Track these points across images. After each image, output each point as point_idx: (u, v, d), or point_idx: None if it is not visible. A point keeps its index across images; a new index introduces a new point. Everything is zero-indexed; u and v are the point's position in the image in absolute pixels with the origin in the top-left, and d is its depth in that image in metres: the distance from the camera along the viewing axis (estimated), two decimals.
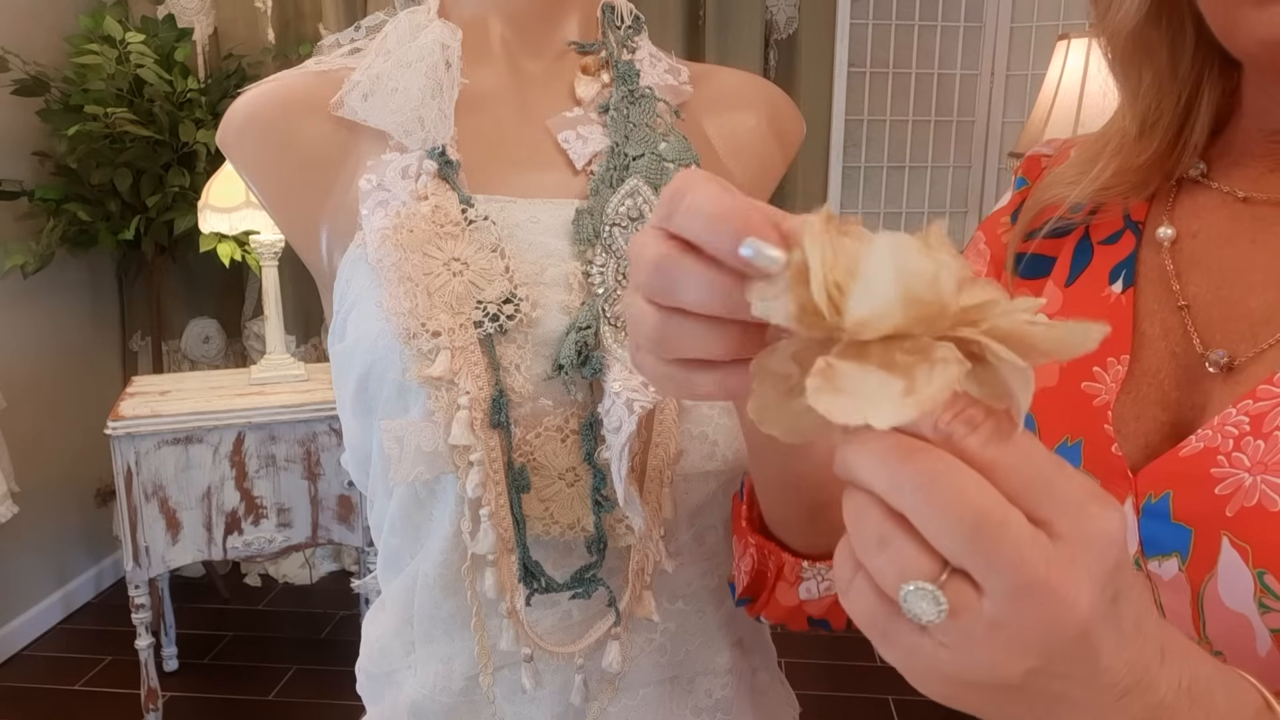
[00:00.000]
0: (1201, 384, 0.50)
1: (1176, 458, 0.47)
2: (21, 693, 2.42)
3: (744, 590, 0.62)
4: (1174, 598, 0.46)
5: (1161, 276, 0.53)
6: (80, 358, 2.86)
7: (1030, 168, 0.64)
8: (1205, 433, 0.47)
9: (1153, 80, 0.53)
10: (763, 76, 0.84)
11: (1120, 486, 0.49)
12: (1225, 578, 0.44)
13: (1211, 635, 0.45)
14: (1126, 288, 0.54)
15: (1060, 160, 0.62)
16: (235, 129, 0.67)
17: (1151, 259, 0.54)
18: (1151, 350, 0.52)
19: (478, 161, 0.64)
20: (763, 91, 0.76)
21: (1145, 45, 0.52)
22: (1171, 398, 0.51)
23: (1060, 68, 2.16)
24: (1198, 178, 0.55)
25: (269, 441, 2.06)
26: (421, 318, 0.57)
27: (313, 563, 3.01)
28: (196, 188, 2.43)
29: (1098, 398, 0.52)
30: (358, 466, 0.65)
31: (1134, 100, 0.54)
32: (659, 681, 0.65)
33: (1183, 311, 0.52)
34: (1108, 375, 0.52)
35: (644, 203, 0.62)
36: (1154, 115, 0.53)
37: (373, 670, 0.68)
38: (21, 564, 2.64)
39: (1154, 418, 0.51)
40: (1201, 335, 0.51)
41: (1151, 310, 0.53)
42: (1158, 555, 0.47)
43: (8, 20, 2.54)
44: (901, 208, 2.80)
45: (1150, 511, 0.48)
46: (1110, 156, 0.54)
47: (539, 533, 0.60)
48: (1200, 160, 0.55)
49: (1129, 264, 0.55)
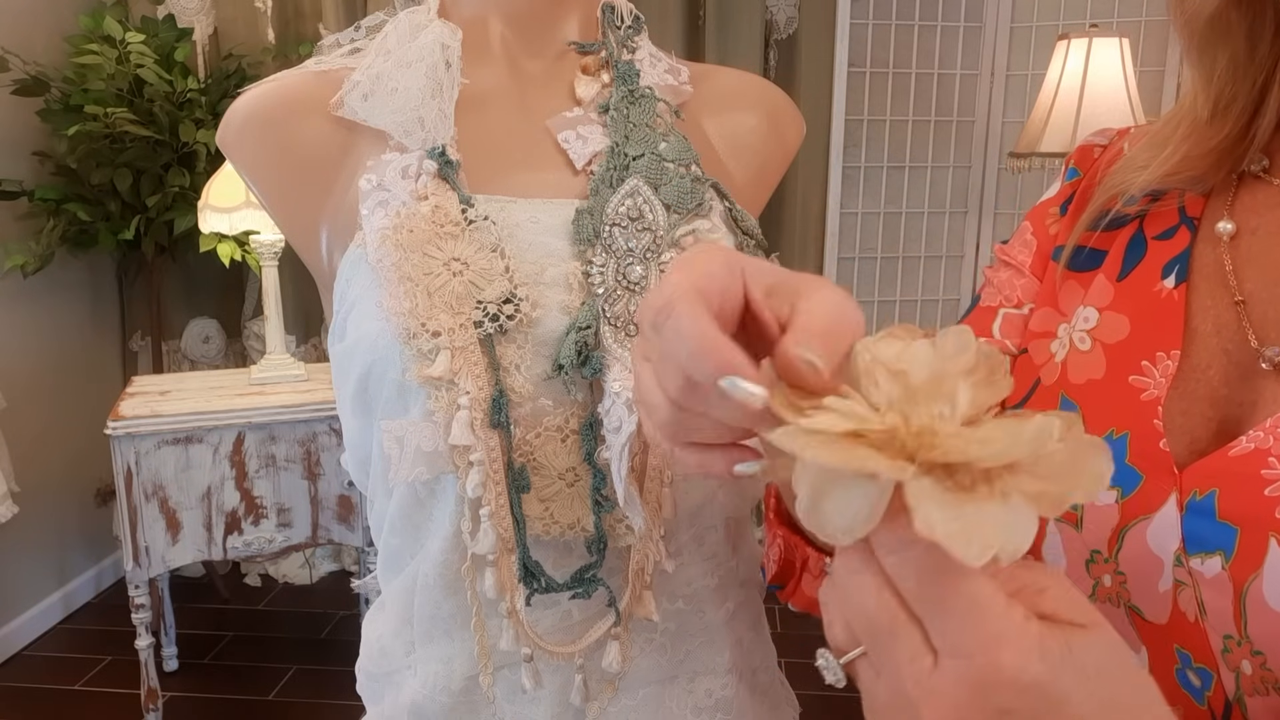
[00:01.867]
0: (1254, 382, 0.49)
1: (1225, 457, 0.47)
2: (21, 693, 2.42)
3: (773, 577, 0.65)
4: (1215, 595, 0.46)
5: (1218, 272, 0.53)
6: (80, 358, 2.86)
7: (1083, 158, 0.63)
8: (1256, 434, 0.46)
9: (1228, 64, 0.52)
10: (763, 76, 0.84)
11: (1165, 482, 0.49)
12: (1271, 579, 0.44)
13: (1253, 634, 0.45)
14: (1179, 283, 0.53)
15: (1114, 148, 0.61)
16: (235, 129, 0.67)
17: (1208, 254, 0.54)
18: (1203, 346, 0.52)
19: (478, 161, 0.64)
20: (763, 91, 0.76)
21: (1224, 27, 0.51)
22: (1221, 395, 0.50)
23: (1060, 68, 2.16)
24: (1259, 173, 0.54)
25: (269, 441, 2.06)
26: (421, 318, 0.57)
27: (313, 563, 3.01)
28: (196, 188, 2.43)
29: (1146, 391, 0.51)
30: (358, 466, 0.65)
31: (1208, 84, 0.53)
32: (659, 681, 0.65)
33: (1239, 307, 0.51)
34: (1157, 370, 0.52)
35: (644, 203, 0.62)
36: (1227, 99, 0.52)
37: (373, 670, 0.68)
38: (21, 564, 2.64)
39: (1201, 414, 0.50)
40: (1257, 332, 0.50)
41: (1205, 306, 0.52)
42: (1200, 553, 0.47)
43: (8, 20, 2.54)
44: (901, 208, 2.80)
45: (1195, 509, 0.47)
46: (1180, 141, 0.54)
47: (539, 533, 0.60)
48: (1264, 156, 0.54)
49: (1183, 259, 0.54)
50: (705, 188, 0.64)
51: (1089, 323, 0.56)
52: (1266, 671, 0.44)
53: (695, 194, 0.63)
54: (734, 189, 0.69)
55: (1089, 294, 0.57)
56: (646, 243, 0.61)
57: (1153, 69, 2.61)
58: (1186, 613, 0.47)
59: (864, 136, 2.77)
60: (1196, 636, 0.47)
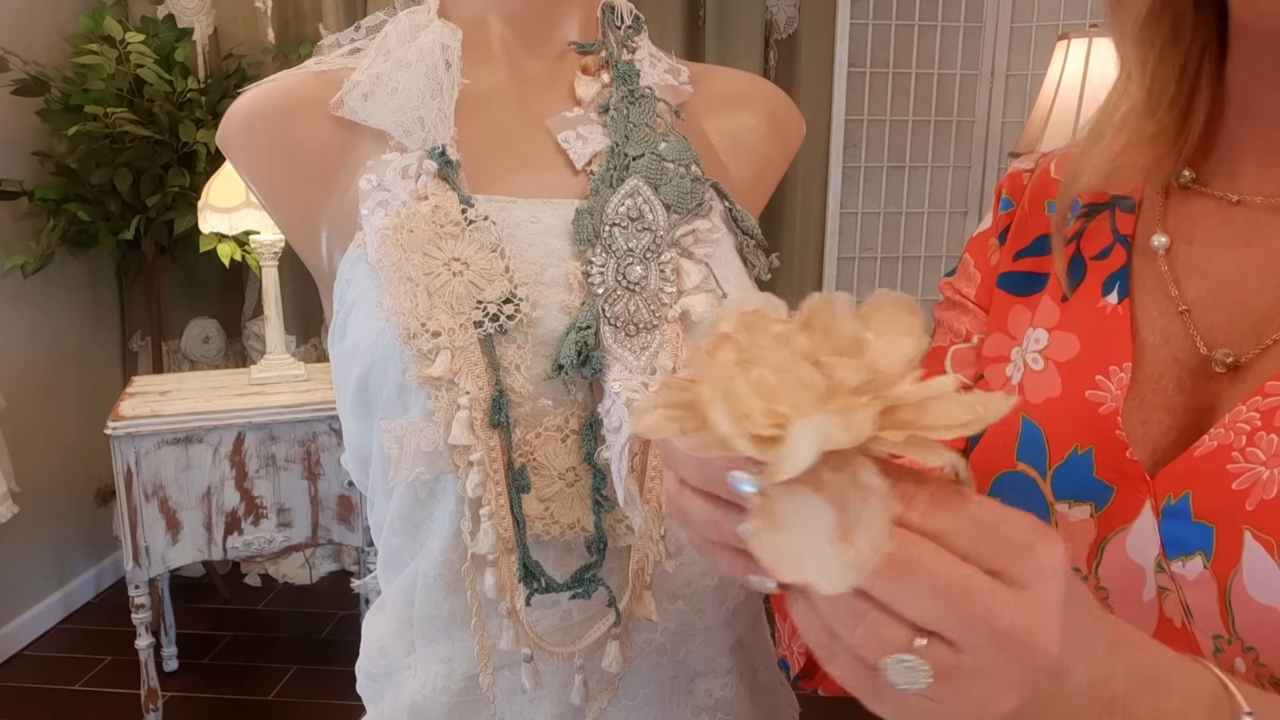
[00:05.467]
0: (1208, 386, 0.50)
1: (1192, 458, 0.47)
2: (21, 693, 2.42)
3: (800, 669, 0.66)
4: (1201, 596, 0.46)
5: (1159, 284, 0.54)
6: (80, 358, 2.86)
7: (1014, 185, 0.63)
8: (1218, 431, 0.47)
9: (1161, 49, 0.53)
10: (763, 76, 0.84)
11: (1139, 491, 0.49)
12: (1250, 571, 0.44)
13: (1241, 630, 0.45)
14: (1122, 298, 0.54)
15: (1040, 171, 0.62)
16: (235, 129, 0.67)
17: (1147, 268, 0.55)
18: (1153, 357, 0.52)
19: (478, 161, 0.64)
20: (763, 91, 0.76)
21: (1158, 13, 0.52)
22: (1177, 402, 0.51)
23: (1060, 68, 2.16)
24: (1187, 184, 0.55)
25: (269, 441, 2.06)
26: (421, 318, 0.57)
27: (313, 563, 3.01)
28: (196, 188, 2.43)
29: (1104, 405, 0.52)
30: (358, 466, 0.65)
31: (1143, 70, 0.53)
32: (659, 681, 0.65)
33: (1184, 316, 0.52)
34: (1111, 383, 0.52)
35: (644, 203, 0.62)
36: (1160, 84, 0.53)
37: (373, 670, 0.68)
38: (21, 564, 2.64)
39: (1160, 423, 0.51)
40: (1204, 338, 0.51)
41: (1151, 318, 0.53)
42: (1181, 556, 0.47)
43: (8, 20, 2.54)
44: (901, 208, 2.80)
45: (1170, 513, 0.48)
46: (1118, 129, 0.54)
47: (539, 533, 0.60)
48: (1189, 167, 0.55)
49: (1122, 275, 0.55)
50: (705, 188, 0.64)
51: (1040, 343, 0.57)
52: (1261, 667, 0.44)
53: (695, 194, 0.63)
54: (734, 189, 0.69)
55: (1036, 315, 0.58)
56: (646, 243, 0.61)
57: None
58: (1173, 619, 0.48)
59: (864, 136, 2.77)
60: (1186, 642, 0.47)
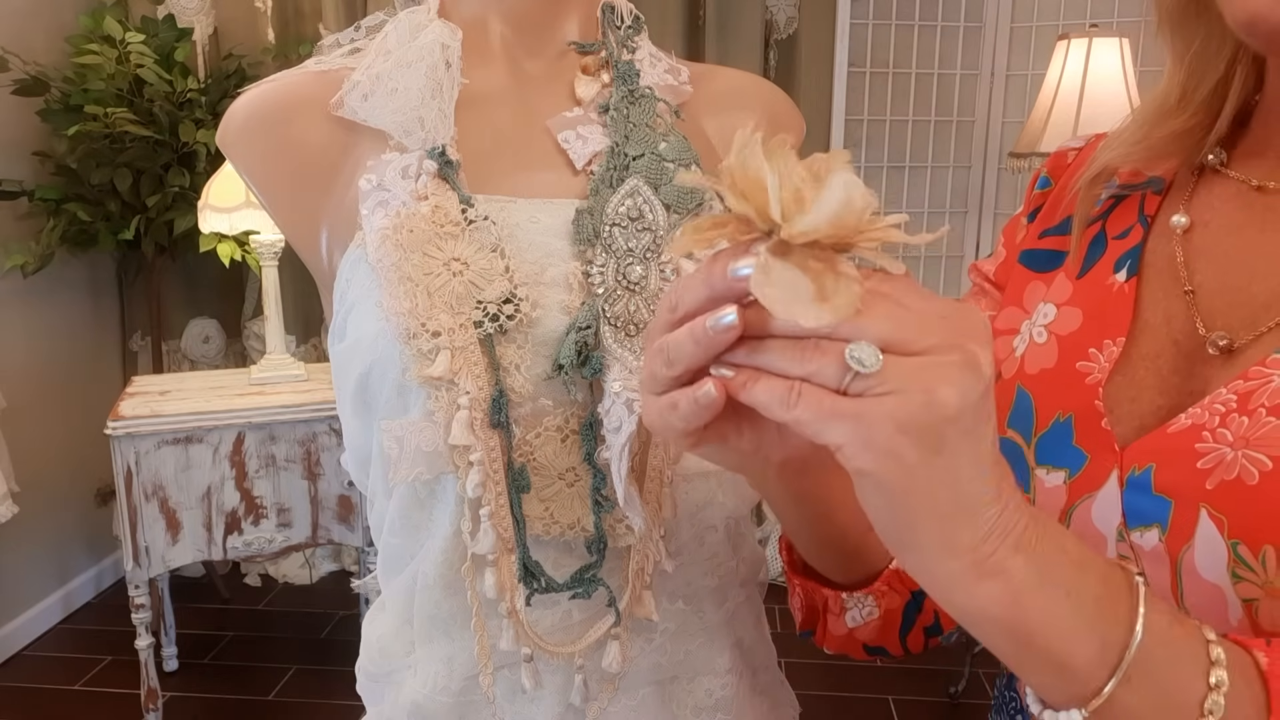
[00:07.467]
0: (1203, 369, 0.51)
1: (1164, 434, 0.49)
2: (21, 693, 2.42)
3: (802, 624, 0.67)
4: (1154, 568, 0.48)
5: (1170, 265, 0.54)
6: (80, 358, 2.86)
7: (1055, 164, 0.65)
8: (1195, 411, 0.48)
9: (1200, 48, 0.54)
10: (763, 76, 0.84)
11: (1108, 460, 0.51)
12: (1201, 548, 0.46)
13: (1189, 605, 0.47)
14: (1130, 276, 0.55)
15: (1088, 152, 0.62)
16: (235, 129, 0.67)
17: (1162, 248, 0.55)
18: (1152, 336, 0.53)
19: (478, 161, 0.64)
20: (763, 91, 0.76)
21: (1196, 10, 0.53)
22: (1171, 383, 0.52)
23: (1060, 68, 2.16)
24: (1217, 166, 0.55)
25: (269, 441, 2.06)
26: (421, 318, 0.57)
27: (313, 563, 3.01)
28: (196, 188, 2.43)
29: (1090, 376, 0.54)
30: (358, 466, 0.65)
31: (1179, 67, 0.54)
32: (659, 681, 0.65)
33: (1188, 297, 0.53)
34: (1102, 356, 0.54)
35: (644, 203, 0.62)
36: (1194, 84, 0.54)
37: (373, 670, 0.68)
38: (21, 564, 2.64)
39: (1150, 401, 0.52)
40: (1206, 321, 0.52)
41: (1156, 298, 0.54)
42: (1139, 526, 0.49)
43: (8, 20, 2.54)
44: (901, 208, 2.80)
45: (1133, 484, 0.49)
46: (1155, 122, 0.55)
47: (539, 533, 0.60)
48: (1221, 149, 0.55)
49: (1134, 254, 0.56)
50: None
51: (1047, 318, 0.58)
52: None
53: (695, 194, 0.63)
54: None
55: (1050, 291, 0.59)
56: (646, 243, 0.61)
57: (1153, 69, 2.60)
58: None
59: (864, 136, 2.77)
60: None
